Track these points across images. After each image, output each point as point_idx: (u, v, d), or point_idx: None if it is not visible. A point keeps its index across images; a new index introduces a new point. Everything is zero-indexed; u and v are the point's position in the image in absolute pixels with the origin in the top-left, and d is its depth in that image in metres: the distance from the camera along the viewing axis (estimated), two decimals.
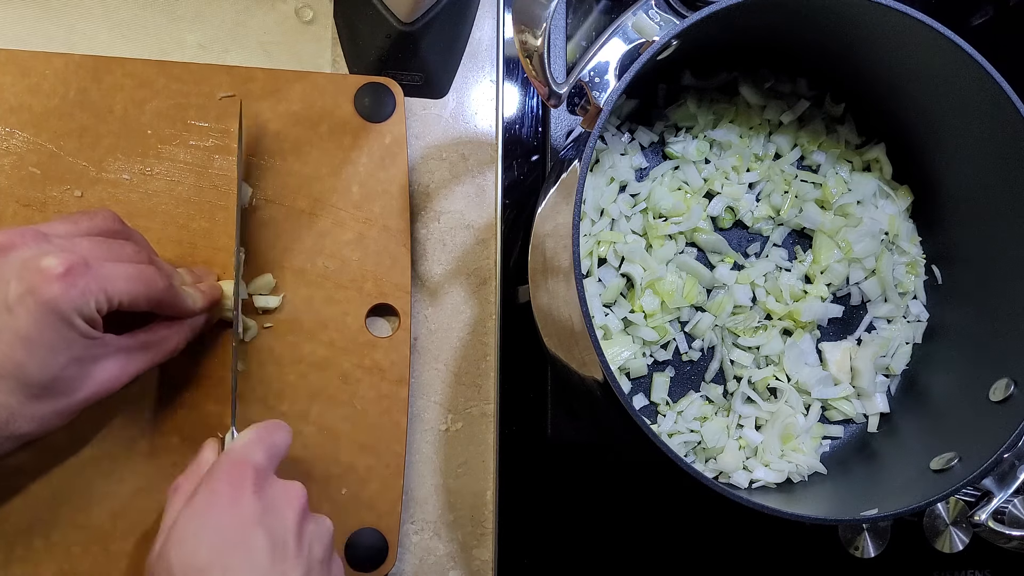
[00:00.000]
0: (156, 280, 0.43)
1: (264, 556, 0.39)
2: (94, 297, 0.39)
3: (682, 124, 0.59)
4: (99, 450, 0.50)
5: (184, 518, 0.40)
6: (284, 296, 0.53)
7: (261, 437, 0.43)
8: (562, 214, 0.45)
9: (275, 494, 0.42)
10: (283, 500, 0.42)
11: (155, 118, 0.53)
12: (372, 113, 0.56)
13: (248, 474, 0.41)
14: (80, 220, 0.44)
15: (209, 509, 0.40)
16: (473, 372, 0.59)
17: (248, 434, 0.44)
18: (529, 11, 0.43)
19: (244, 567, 0.39)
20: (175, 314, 0.46)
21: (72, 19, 0.55)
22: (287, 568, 0.40)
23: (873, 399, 0.58)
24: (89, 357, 0.41)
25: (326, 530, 0.44)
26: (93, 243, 0.42)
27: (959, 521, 0.62)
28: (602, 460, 0.59)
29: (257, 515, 0.40)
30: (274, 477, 0.43)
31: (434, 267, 0.59)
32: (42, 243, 0.40)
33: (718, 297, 0.57)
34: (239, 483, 0.41)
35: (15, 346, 0.38)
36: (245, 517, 0.40)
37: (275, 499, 0.42)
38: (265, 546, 0.39)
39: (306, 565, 0.41)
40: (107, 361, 0.42)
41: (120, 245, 0.44)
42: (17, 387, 0.38)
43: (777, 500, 0.53)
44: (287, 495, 0.42)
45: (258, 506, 0.40)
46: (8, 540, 0.48)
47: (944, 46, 0.49)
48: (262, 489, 0.41)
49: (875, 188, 0.60)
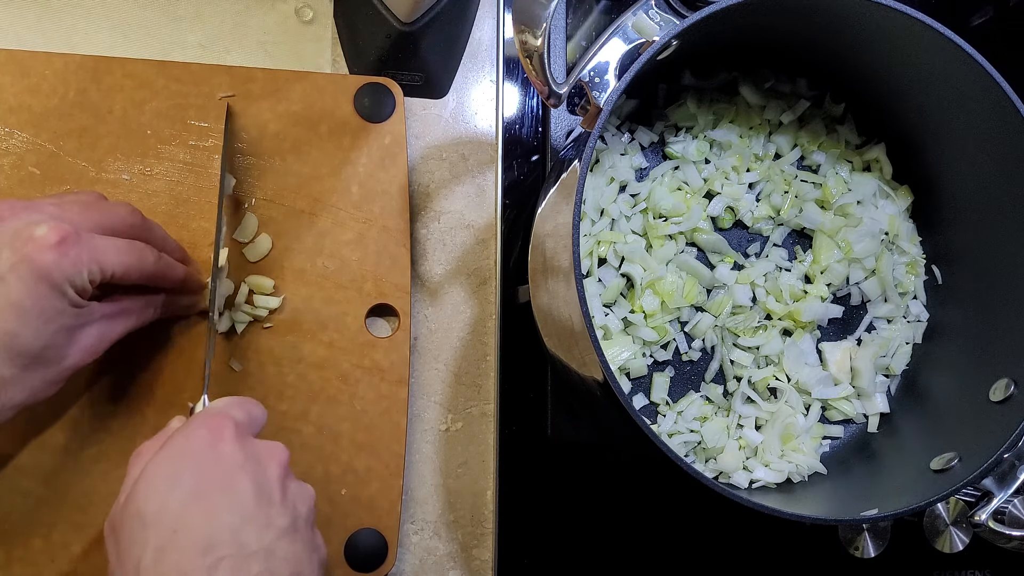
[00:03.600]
0: (147, 254, 0.44)
1: (249, 498, 0.37)
2: (87, 267, 0.39)
3: (682, 124, 0.59)
4: (98, 450, 0.50)
5: (155, 465, 0.37)
6: (284, 297, 0.53)
7: (237, 401, 0.42)
8: (562, 214, 0.45)
9: (257, 448, 0.40)
10: (265, 453, 0.40)
11: (155, 118, 0.53)
12: (372, 113, 0.56)
13: (228, 423, 0.39)
14: (65, 196, 0.44)
15: (185, 453, 0.38)
16: (473, 372, 0.59)
17: (223, 399, 0.43)
18: (529, 11, 0.43)
19: (228, 506, 0.36)
20: (164, 286, 0.47)
21: (72, 19, 0.55)
22: (273, 514, 0.37)
23: (873, 399, 0.58)
24: (76, 325, 0.41)
25: (308, 494, 0.41)
26: (82, 207, 0.42)
27: (959, 521, 0.62)
28: (602, 460, 0.59)
29: (239, 460, 0.38)
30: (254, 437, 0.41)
31: (434, 267, 0.59)
32: (32, 212, 0.40)
33: (718, 297, 0.57)
34: (218, 431, 0.38)
35: (7, 315, 0.38)
36: (225, 460, 0.37)
37: (257, 451, 0.39)
38: (250, 489, 0.37)
39: (292, 515, 0.38)
40: (91, 327, 0.42)
41: (110, 206, 0.44)
42: (9, 357, 0.38)
43: (777, 500, 0.53)
44: (269, 450, 0.40)
45: (240, 453, 0.38)
46: (8, 540, 0.48)
47: (944, 46, 0.49)
48: (243, 440, 0.39)
49: (875, 188, 0.60)
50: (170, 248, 0.48)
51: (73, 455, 0.49)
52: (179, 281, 0.48)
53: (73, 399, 0.49)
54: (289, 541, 0.38)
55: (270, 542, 0.37)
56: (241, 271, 0.53)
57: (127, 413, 0.50)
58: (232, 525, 0.36)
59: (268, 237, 0.54)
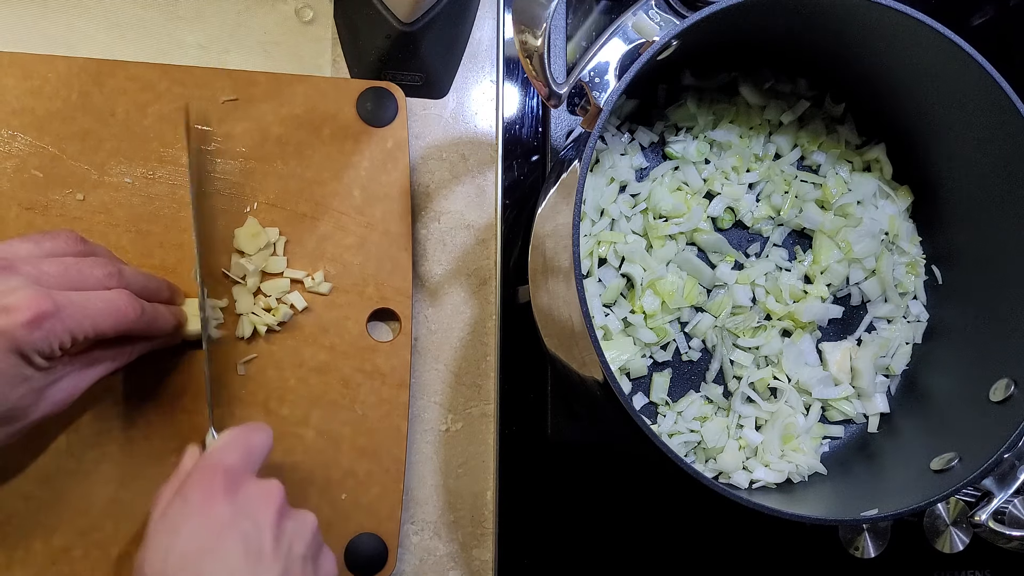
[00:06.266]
0: (127, 311, 0.43)
1: (238, 560, 0.39)
2: (58, 339, 0.39)
3: (682, 124, 0.59)
4: (100, 453, 0.50)
5: (156, 530, 0.40)
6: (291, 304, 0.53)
7: (237, 438, 0.43)
8: (562, 214, 0.45)
9: (249, 495, 0.41)
10: (258, 501, 0.41)
11: (157, 121, 0.53)
12: (374, 117, 0.56)
13: (219, 479, 0.41)
14: (42, 241, 0.43)
15: (181, 518, 0.40)
16: (473, 372, 0.59)
17: (224, 437, 0.43)
18: (529, 11, 0.43)
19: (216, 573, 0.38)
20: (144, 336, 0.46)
21: (72, 19, 0.56)
22: (262, 570, 0.39)
23: (873, 399, 0.58)
24: (45, 384, 0.41)
25: (307, 527, 0.43)
26: (60, 268, 0.42)
27: (959, 521, 0.62)
28: (602, 460, 0.59)
29: (228, 519, 0.39)
30: (251, 477, 0.42)
31: (434, 267, 0.59)
32: (8, 276, 0.39)
33: (718, 297, 0.57)
34: (210, 489, 0.40)
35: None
36: (216, 523, 0.39)
37: (249, 501, 0.41)
38: (238, 550, 0.39)
39: (283, 565, 0.40)
40: (62, 382, 0.42)
41: (89, 266, 0.43)
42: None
43: (777, 500, 0.53)
44: (262, 494, 0.42)
45: (229, 511, 0.40)
46: (9, 543, 0.48)
47: (944, 46, 0.49)
48: (234, 492, 0.41)
49: (875, 188, 0.60)
50: (152, 291, 0.47)
51: (75, 458, 0.49)
52: (163, 332, 0.47)
53: (75, 403, 0.49)
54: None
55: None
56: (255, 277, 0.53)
57: (128, 416, 0.50)
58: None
59: (278, 234, 0.54)
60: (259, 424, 0.45)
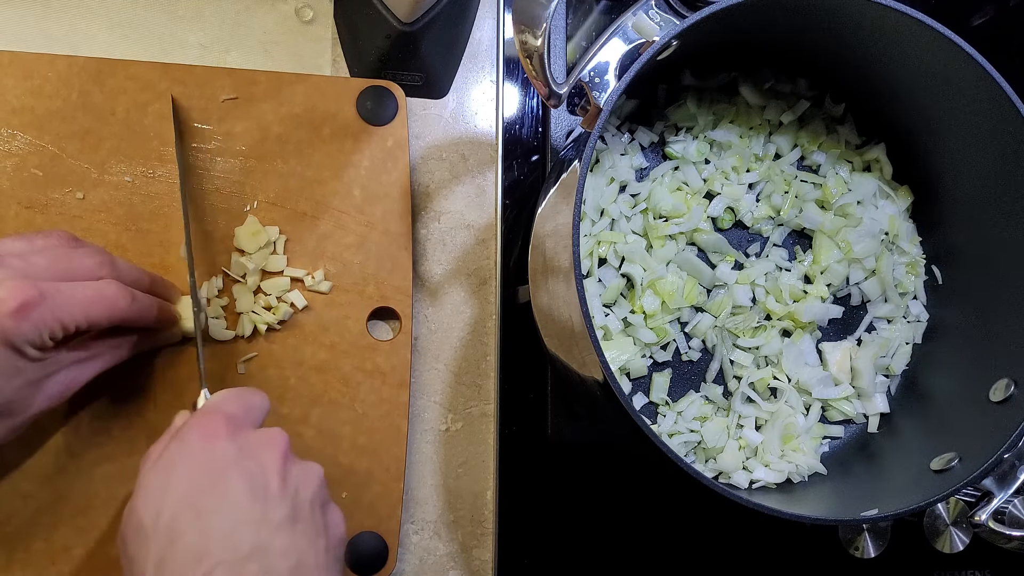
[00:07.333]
0: (117, 300, 0.42)
1: (242, 496, 0.36)
2: (48, 328, 0.39)
3: (682, 124, 0.59)
4: (100, 453, 0.50)
5: (152, 472, 0.38)
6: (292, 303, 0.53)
7: (235, 393, 0.42)
8: (562, 214, 0.45)
9: (252, 439, 0.39)
10: (261, 444, 0.39)
11: (157, 120, 0.53)
12: (374, 116, 0.56)
13: (220, 421, 0.39)
14: (34, 239, 0.43)
15: (179, 459, 0.38)
16: (473, 372, 0.59)
17: (221, 392, 0.42)
18: (529, 11, 0.43)
19: (218, 509, 0.36)
20: (139, 327, 0.46)
21: (73, 19, 0.56)
22: (268, 508, 0.37)
23: (873, 399, 0.58)
24: (42, 376, 0.40)
25: (314, 475, 0.41)
26: (49, 259, 0.41)
27: (959, 521, 0.62)
28: (602, 460, 0.59)
29: (231, 457, 0.37)
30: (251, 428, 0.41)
31: (434, 267, 0.59)
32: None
33: (718, 297, 0.57)
34: (210, 431, 0.38)
35: None
36: (217, 460, 0.37)
37: (252, 443, 0.39)
38: (242, 486, 0.37)
39: (291, 505, 0.38)
40: (59, 375, 0.42)
41: (79, 256, 0.43)
42: None
43: (777, 500, 0.53)
44: (266, 439, 0.40)
45: (232, 449, 0.38)
46: (9, 542, 0.48)
47: (944, 46, 0.49)
48: (236, 435, 0.39)
49: (875, 188, 0.60)
50: (145, 285, 0.47)
51: (74, 457, 0.49)
52: (154, 321, 0.46)
53: (74, 402, 0.49)
54: (287, 533, 0.37)
55: (265, 539, 0.36)
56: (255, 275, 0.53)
57: (128, 415, 0.50)
58: (224, 529, 0.36)
59: (278, 232, 0.54)
60: (254, 389, 0.44)
